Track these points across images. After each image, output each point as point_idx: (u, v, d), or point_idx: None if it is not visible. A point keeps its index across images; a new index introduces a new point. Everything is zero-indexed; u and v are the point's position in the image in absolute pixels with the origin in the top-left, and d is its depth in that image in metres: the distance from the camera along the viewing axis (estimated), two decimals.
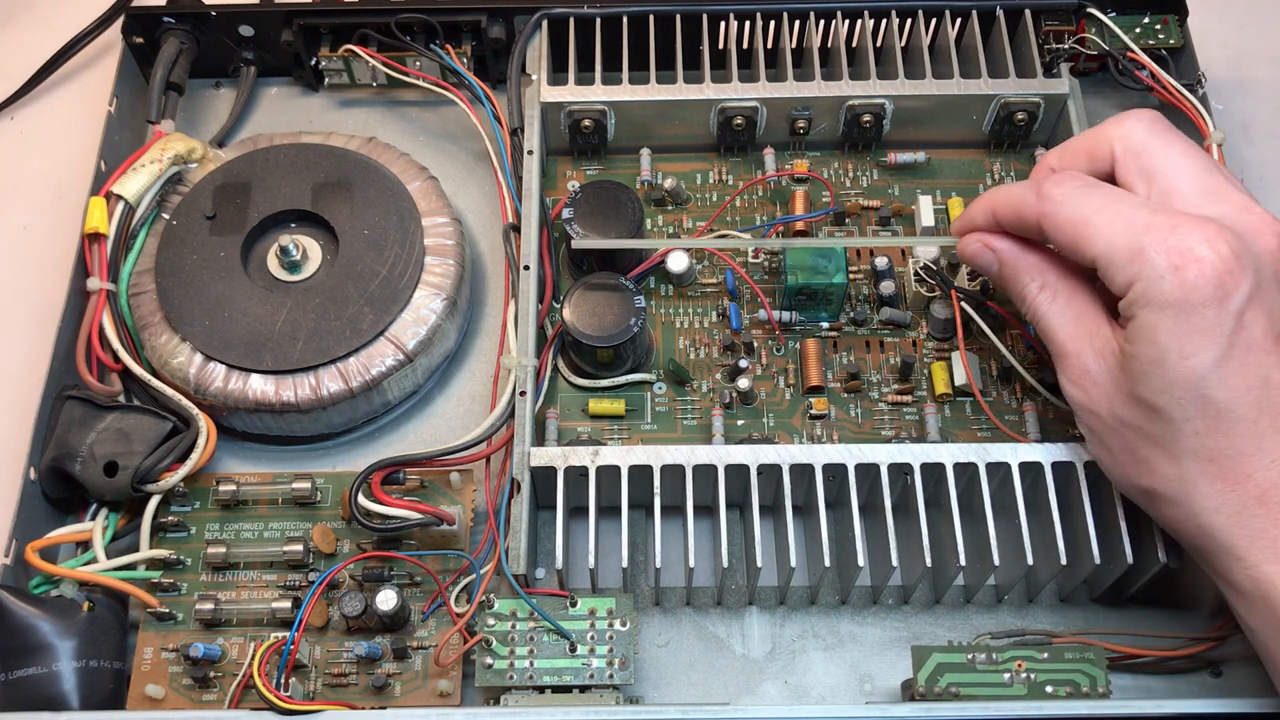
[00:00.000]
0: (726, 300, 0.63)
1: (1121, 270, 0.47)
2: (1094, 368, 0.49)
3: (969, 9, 0.67)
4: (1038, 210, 0.50)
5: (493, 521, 0.56)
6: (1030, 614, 0.58)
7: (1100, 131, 0.52)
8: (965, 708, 0.50)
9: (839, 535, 0.56)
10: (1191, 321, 0.45)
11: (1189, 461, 0.47)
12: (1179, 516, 0.48)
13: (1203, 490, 0.47)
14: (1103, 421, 0.49)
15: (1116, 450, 0.50)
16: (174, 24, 0.70)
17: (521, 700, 0.52)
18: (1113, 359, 0.49)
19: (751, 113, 0.66)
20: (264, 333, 0.60)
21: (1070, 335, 0.50)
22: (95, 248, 0.62)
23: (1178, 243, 0.46)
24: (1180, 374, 0.46)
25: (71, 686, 0.53)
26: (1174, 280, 0.45)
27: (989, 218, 0.54)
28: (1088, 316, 0.50)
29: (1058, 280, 0.52)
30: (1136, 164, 0.50)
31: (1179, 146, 0.51)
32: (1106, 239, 0.47)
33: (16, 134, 0.75)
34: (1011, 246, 0.53)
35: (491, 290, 0.68)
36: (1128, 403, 0.48)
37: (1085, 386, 0.50)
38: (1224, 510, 0.46)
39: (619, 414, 0.61)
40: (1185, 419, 0.46)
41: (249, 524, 0.59)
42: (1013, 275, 0.53)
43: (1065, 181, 0.50)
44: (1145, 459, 0.48)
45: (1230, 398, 0.46)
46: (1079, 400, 0.50)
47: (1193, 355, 0.45)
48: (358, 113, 0.73)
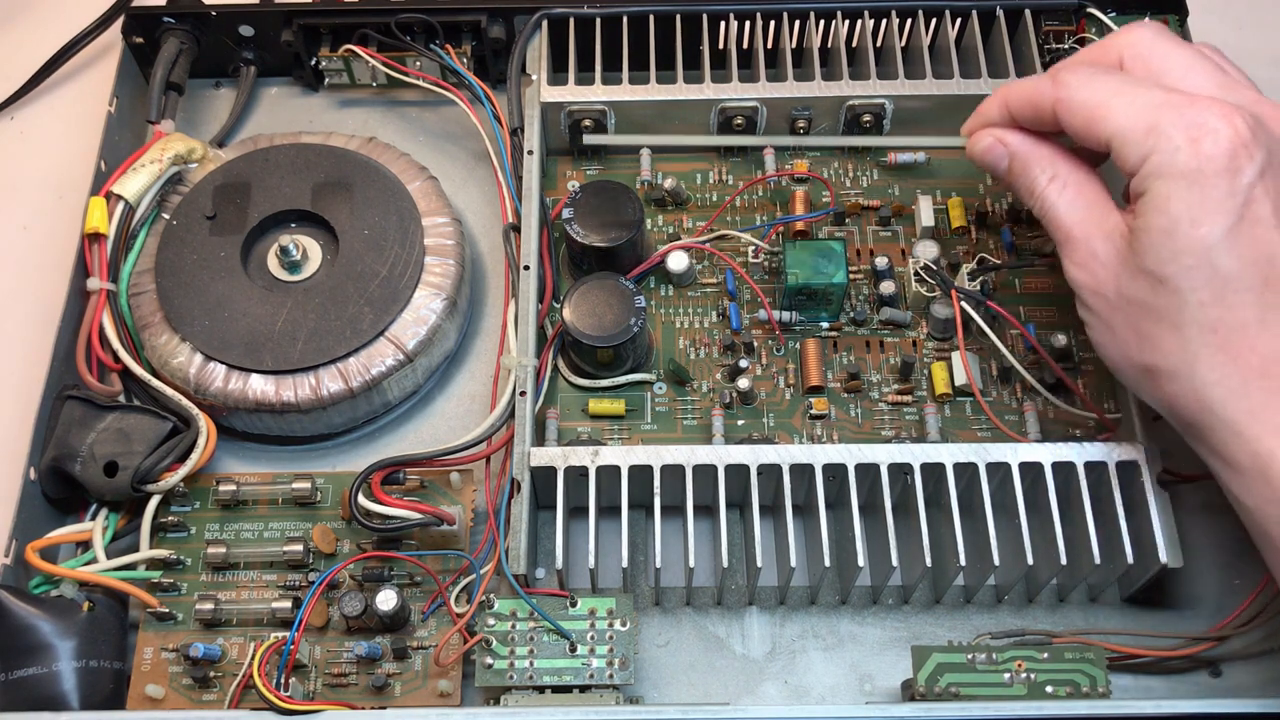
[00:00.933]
0: (726, 300, 0.63)
1: (1138, 145, 0.47)
2: (1101, 249, 0.50)
3: (969, 9, 0.67)
4: (1053, 96, 0.51)
5: (493, 521, 0.56)
6: (1030, 614, 0.58)
7: (1107, 41, 0.53)
8: (965, 708, 0.50)
9: (839, 535, 0.56)
10: (1204, 191, 0.46)
11: (1193, 333, 0.47)
12: (1179, 392, 0.48)
13: (1205, 362, 0.47)
14: (1108, 301, 0.50)
15: (1119, 329, 0.50)
16: (174, 24, 0.70)
17: (521, 700, 0.52)
18: (1120, 240, 0.49)
19: (751, 113, 0.66)
20: (264, 333, 0.60)
21: (1078, 221, 0.51)
22: (95, 248, 0.62)
23: (1195, 116, 0.46)
24: (1190, 242, 0.46)
25: (71, 686, 0.53)
26: (1189, 151, 0.46)
27: (1002, 111, 0.54)
28: (1097, 205, 0.51)
29: (1068, 171, 0.52)
30: (1146, 67, 0.51)
31: (1188, 49, 0.51)
32: (1123, 116, 0.48)
33: (16, 134, 0.75)
34: (1023, 139, 0.53)
35: (491, 290, 0.68)
36: (1135, 277, 0.48)
37: (1092, 269, 0.50)
38: (1226, 383, 0.47)
39: (619, 414, 0.61)
40: (1191, 288, 0.46)
41: (249, 524, 0.59)
42: (1023, 169, 0.53)
43: (1081, 68, 0.51)
44: (1149, 334, 0.48)
45: (1237, 269, 0.46)
46: (1084, 283, 0.51)
47: (1203, 224, 0.46)
48: (358, 113, 0.73)
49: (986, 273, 0.61)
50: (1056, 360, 0.60)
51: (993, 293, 0.62)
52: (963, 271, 0.61)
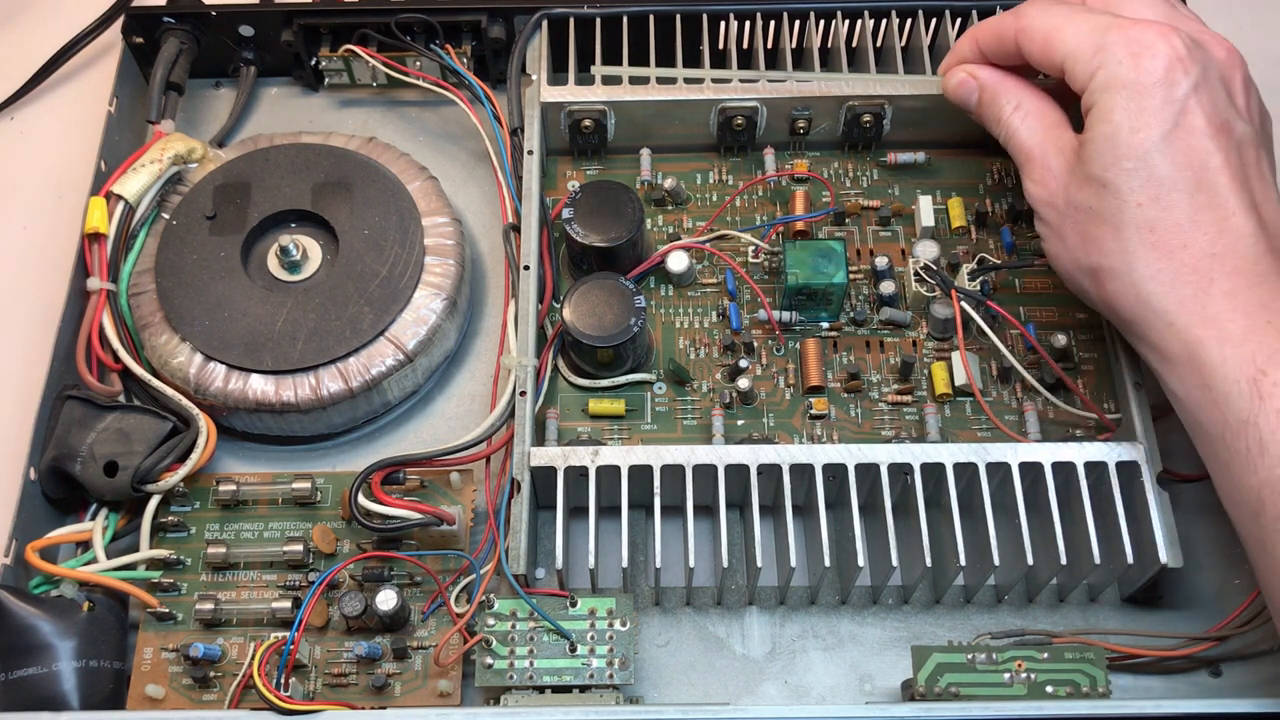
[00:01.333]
0: (726, 300, 0.63)
1: (1086, 64, 0.52)
2: (1055, 163, 0.54)
3: (969, 9, 0.67)
4: (1015, 27, 0.56)
5: (493, 521, 0.56)
6: (1030, 614, 0.58)
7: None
8: (965, 708, 0.50)
9: (839, 535, 0.56)
10: (1143, 100, 0.50)
11: (1131, 232, 0.51)
12: (1120, 289, 0.52)
13: (1143, 259, 0.51)
14: (1058, 210, 0.54)
15: (1069, 236, 0.54)
16: (174, 24, 0.70)
17: (521, 700, 0.52)
18: (1071, 153, 0.54)
19: (751, 113, 0.66)
20: (264, 333, 0.60)
21: (1036, 142, 0.55)
22: (95, 248, 0.62)
23: (1138, 35, 0.51)
24: (1130, 147, 0.50)
25: (71, 686, 0.53)
26: (1131, 65, 0.51)
27: (974, 48, 0.59)
28: (1055, 126, 0.55)
29: (1031, 99, 0.57)
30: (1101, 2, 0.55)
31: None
32: (1074, 39, 0.53)
33: (16, 134, 0.75)
34: (992, 73, 0.58)
35: (491, 290, 0.68)
36: (1082, 185, 0.52)
37: (1045, 181, 0.54)
38: (1160, 278, 0.50)
39: (619, 414, 0.61)
40: (1130, 190, 0.51)
41: (249, 524, 0.59)
42: (991, 100, 0.58)
43: (1041, 2, 0.56)
44: (1094, 237, 0.52)
45: (1172, 172, 0.50)
46: (1040, 196, 0.55)
47: (1142, 130, 0.50)
48: (358, 113, 0.73)
49: (986, 273, 0.61)
50: (1056, 360, 0.60)
51: (993, 293, 0.62)
52: (963, 271, 0.61)
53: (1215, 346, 0.49)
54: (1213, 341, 0.49)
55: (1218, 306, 0.49)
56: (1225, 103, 0.52)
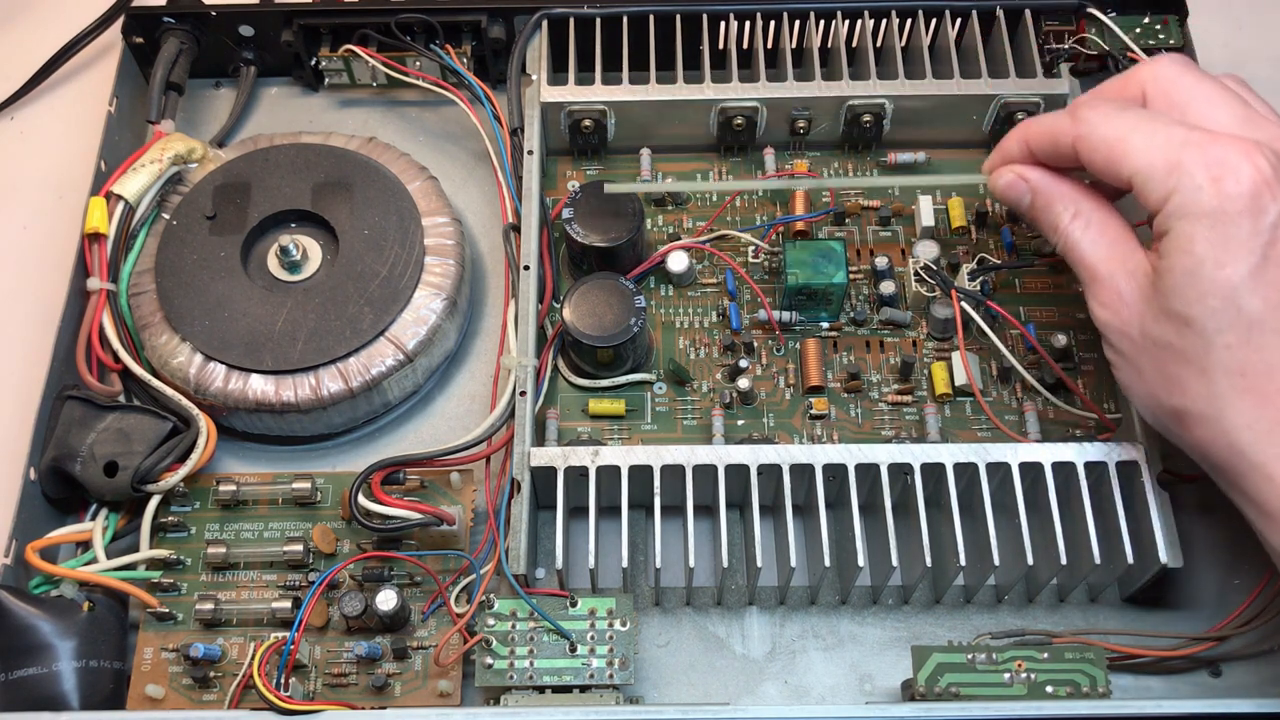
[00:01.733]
0: (726, 300, 0.63)
1: (1160, 184, 0.47)
2: (1126, 289, 0.49)
3: (969, 9, 0.67)
4: (1073, 133, 0.51)
5: (493, 521, 0.56)
6: (1030, 614, 0.58)
7: (1130, 74, 0.52)
8: (965, 708, 0.50)
9: (839, 535, 0.56)
10: (1227, 231, 0.46)
11: (1220, 376, 0.46)
12: (1209, 436, 0.48)
13: (1234, 406, 0.46)
14: (1134, 342, 0.49)
15: (1147, 370, 0.49)
16: (174, 24, 0.70)
17: (521, 700, 0.52)
18: (1145, 279, 0.49)
19: (751, 113, 0.65)
20: (264, 333, 0.60)
21: (1103, 258, 0.51)
22: (95, 248, 0.62)
23: (1217, 155, 0.46)
24: (1215, 283, 0.46)
25: (71, 686, 0.53)
26: (1211, 190, 0.46)
27: (1023, 148, 0.54)
28: (1120, 241, 0.51)
29: (1091, 209, 0.52)
30: (1168, 100, 0.51)
31: (1212, 83, 0.51)
32: (1144, 154, 0.48)
33: (16, 134, 0.75)
34: (1044, 176, 0.53)
35: (491, 290, 0.68)
36: (1160, 319, 0.48)
37: (1117, 309, 0.50)
38: (1256, 427, 0.46)
39: (619, 414, 0.61)
40: (1218, 330, 0.46)
41: (249, 524, 0.59)
42: (1046, 205, 0.53)
43: (1100, 104, 0.51)
44: (1176, 376, 0.48)
45: (1263, 310, 0.46)
46: (1110, 323, 0.50)
47: (1228, 264, 0.46)
48: (358, 113, 0.73)
49: (986, 273, 0.61)
50: (1056, 360, 0.60)
51: (993, 293, 0.62)
52: (963, 271, 0.61)
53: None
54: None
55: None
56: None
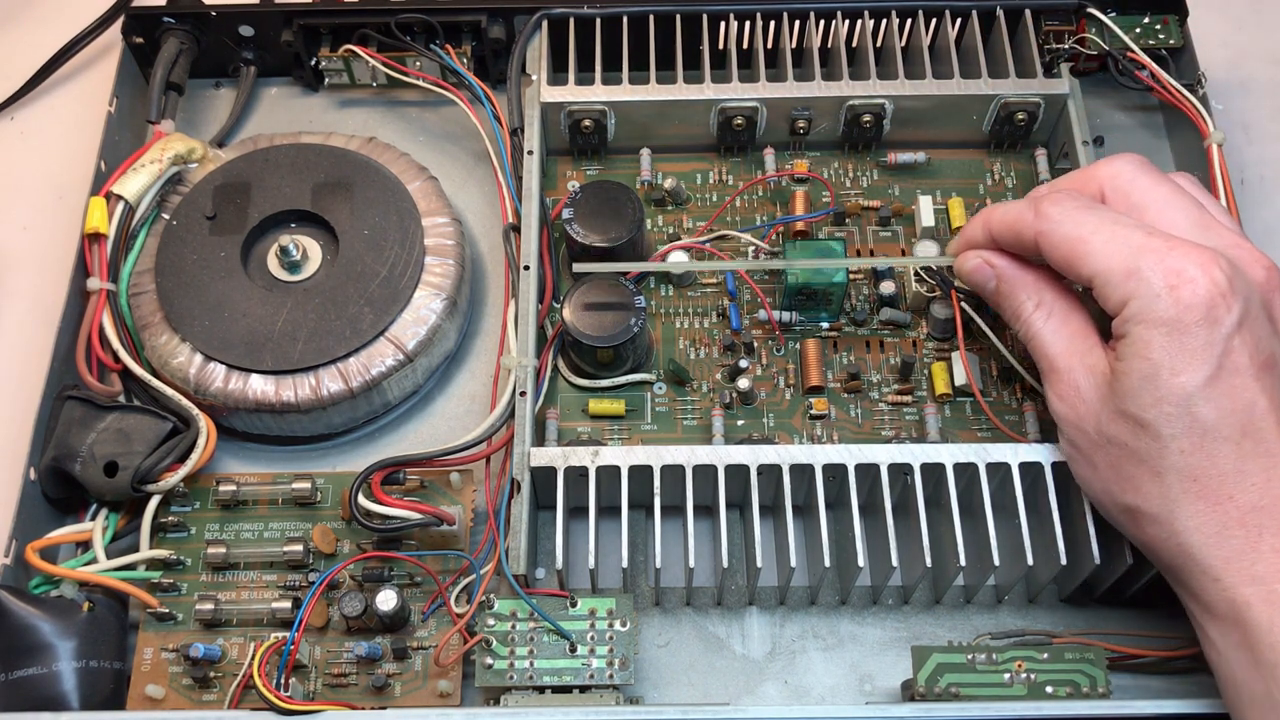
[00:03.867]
0: (726, 300, 0.63)
1: (1117, 288, 0.48)
2: (1084, 384, 0.50)
3: (969, 9, 0.67)
4: (1035, 229, 0.51)
5: (493, 521, 0.56)
6: (1030, 614, 0.58)
7: (1088, 171, 0.53)
8: (965, 708, 0.50)
9: (839, 535, 0.56)
10: (1183, 340, 0.46)
11: (1173, 479, 0.47)
12: (1160, 536, 0.48)
13: (1185, 509, 0.47)
14: (1089, 438, 0.50)
15: (1101, 467, 0.50)
16: (174, 24, 0.70)
17: (521, 700, 0.52)
18: (1102, 377, 0.50)
19: (751, 113, 0.66)
20: (264, 333, 0.60)
21: (1063, 352, 0.51)
22: (95, 248, 0.62)
23: (1174, 263, 0.47)
24: (1170, 390, 0.47)
25: (71, 686, 0.53)
26: (1169, 299, 0.47)
27: (986, 235, 0.55)
28: (1080, 336, 0.51)
29: (1053, 299, 0.53)
30: (1126, 201, 0.52)
31: (1168, 185, 0.52)
32: (1103, 257, 0.48)
33: (16, 134, 0.75)
34: (1010, 264, 0.54)
35: (491, 290, 0.68)
36: (1116, 418, 0.49)
37: (1074, 403, 0.51)
38: (1204, 530, 0.47)
39: (619, 414, 0.61)
40: (1172, 435, 0.47)
41: (249, 524, 0.59)
42: (1009, 292, 0.54)
43: (1063, 200, 0.51)
44: (1130, 476, 0.49)
45: (1216, 418, 0.47)
46: (1067, 417, 0.51)
47: (1183, 372, 0.47)
48: (358, 113, 0.73)
49: None
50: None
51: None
52: None
53: (1263, 610, 0.45)
54: (1261, 604, 0.46)
55: (1267, 565, 0.46)
56: (1268, 334, 0.48)
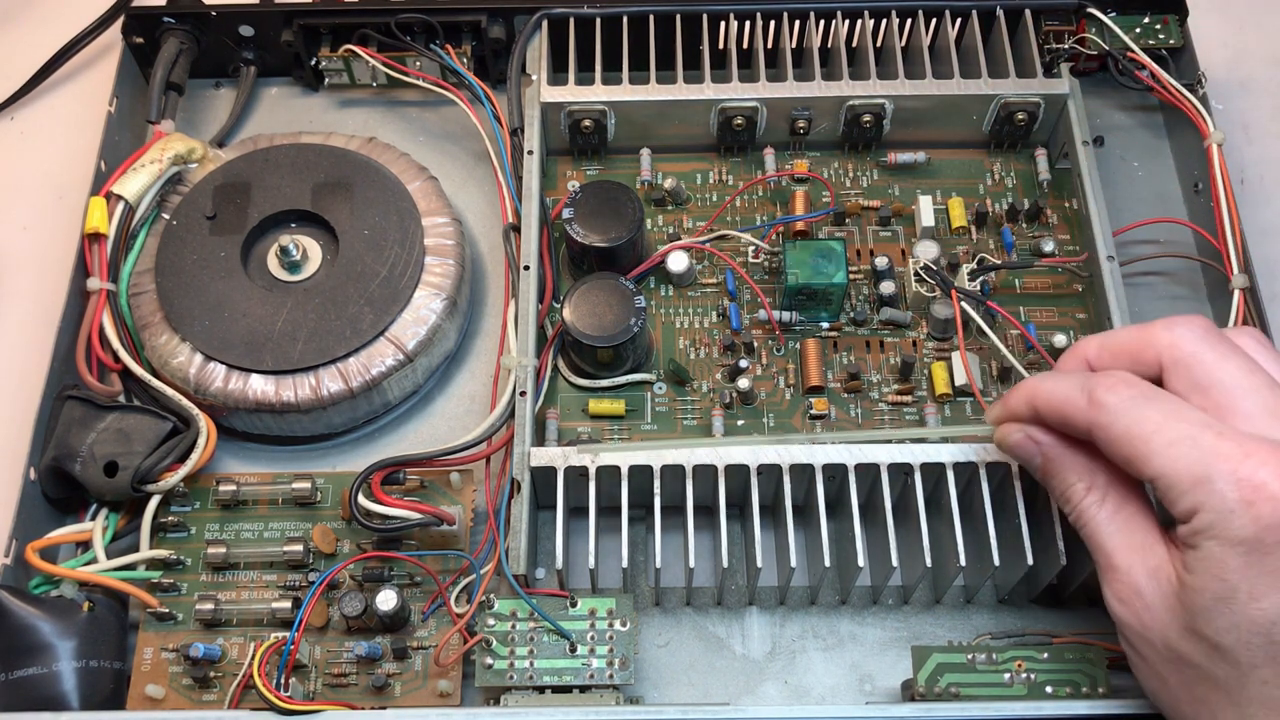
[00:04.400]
0: (726, 300, 0.63)
1: (1185, 496, 0.43)
2: (1147, 589, 0.45)
3: (969, 9, 0.67)
4: (1089, 419, 0.46)
5: (493, 521, 0.56)
6: (1030, 614, 0.58)
7: (1147, 335, 0.47)
8: (965, 708, 0.50)
9: (839, 535, 0.56)
10: (1265, 562, 0.41)
11: (1255, 709, 0.42)
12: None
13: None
14: (1156, 651, 0.45)
15: (1171, 682, 0.45)
16: (174, 24, 0.70)
17: (521, 700, 0.52)
18: (1168, 584, 0.44)
19: (751, 113, 0.66)
20: (264, 333, 0.60)
21: (1120, 546, 0.46)
22: (95, 248, 0.62)
23: (1249, 474, 0.41)
24: (1250, 616, 0.42)
25: (71, 686, 0.53)
26: (1246, 516, 0.41)
27: (1030, 411, 0.49)
28: (1140, 529, 0.46)
29: (1107, 484, 0.47)
30: (1189, 376, 0.45)
31: (1237, 360, 0.45)
32: (1168, 461, 0.43)
33: (16, 134, 0.75)
34: (1056, 443, 0.48)
35: (491, 290, 0.68)
36: (1186, 636, 0.43)
37: (1137, 609, 0.45)
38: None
39: (619, 414, 0.61)
40: (1253, 665, 0.42)
41: (249, 524, 0.59)
42: (1057, 473, 0.49)
43: (1119, 389, 0.45)
44: (1204, 698, 0.44)
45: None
46: (1129, 623, 0.46)
47: (1264, 598, 0.41)
48: (358, 113, 0.73)
49: (986, 273, 0.61)
50: (1056, 360, 0.60)
51: (992, 293, 0.62)
52: (963, 271, 0.61)
53: None
54: None
55: None
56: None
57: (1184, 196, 0.69)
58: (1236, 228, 0.62)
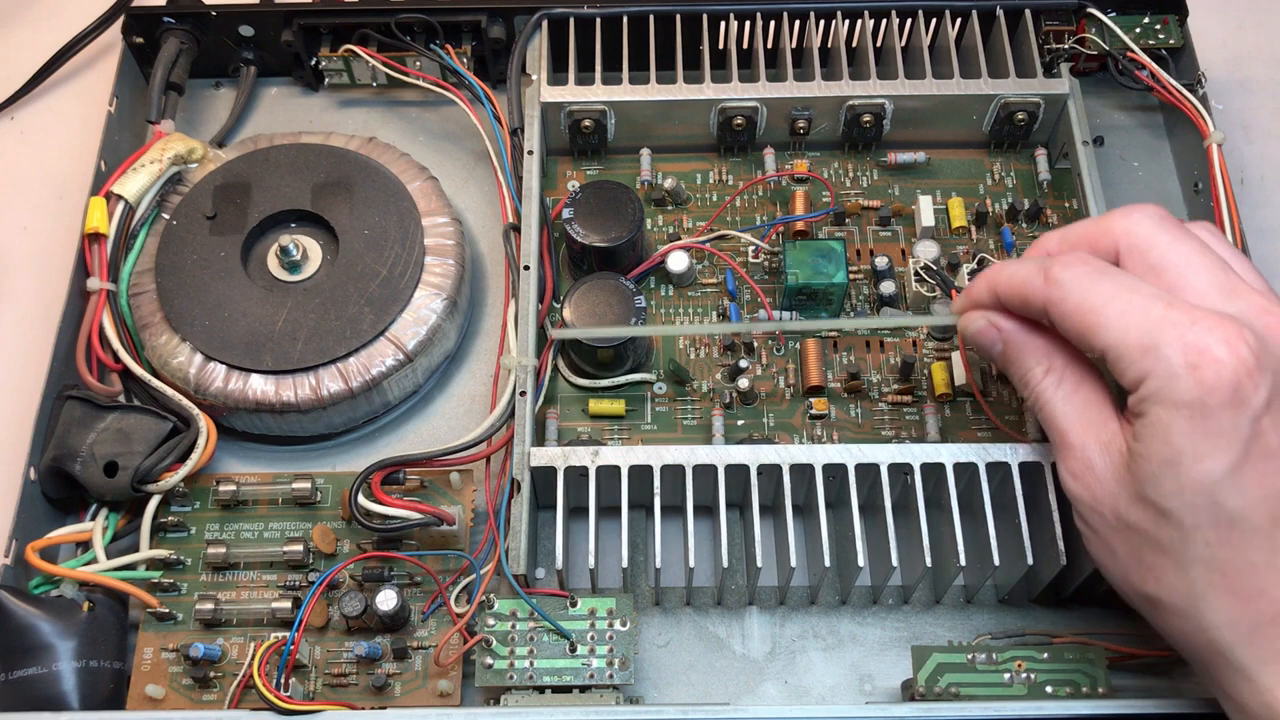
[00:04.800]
0: (726, 300, 0.63)
1: (1134, 365, 0.44)
2: (1098, 462, 0.47)
3: (969, 9, 0.67)
4: (1044, 295, 0.47)
5: (493, 521, 0.56)
6: (1030, 614, 0.58)
7: (1103, 223, 0.49)
8: (965, 708, 0.50)
9: (839, 535, 0.56)
10: (1207, 424, 0.43)
11: (1199, 571, 0.44)
12: (1186, 629, 0.45)
13: (1213, 604, 0.44)
14: (1106, 522, 0.47)
15: (1120, 553, 0.47)
16: (174, 24, 0.70)
17: (521, 700, 0.52)
18: (1119, 456, 0.46)
19: (751, 113, 0.66)
20: (264, 333, 0.60)
21: (1075, 425, 0.48)
22: (95, 248, 0.62)
23: (1195, 340, 0.43)
24: (1193, 478, 0.43)
25: (71, 686, 0.53)
26: (1190, 380, 0.43)
27: (991, 296, 0.51)
28: (1094, 407, 0.48)
29: (1064, 365, 0.49)
30: (1144, 260, 0.47)
31: (1190, 243, 0.47)
32: (1119, 331, 0.45)
33: (16, 134, 0.75)
34: (1017, 327, 0.50)
35: (491, 290, 0.68)
36: (1135, 503, 0.45)
37: (1088, 482, 0.47)
38: (1235, 628, 0.44)
39: (619, 414, 0.61)
40: (1196, 526, 0.44)
41: (249, 524, 0.59)
42: (1017, 357, 0.50)
43: (1074, 264, 0.47)
44: (1151, 565, 0.46)
45: (1244, 507, 0.43)
46: (1081, 496, 0.48)
47: (1207, 459, 0.43)
48: (358, 113, 0.73)
49: None
50: None
51: None
52: (963, 271, 0.61)
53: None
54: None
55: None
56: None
57: (1184, 196, 0.69)
58: (1236, 228, 0.62)
